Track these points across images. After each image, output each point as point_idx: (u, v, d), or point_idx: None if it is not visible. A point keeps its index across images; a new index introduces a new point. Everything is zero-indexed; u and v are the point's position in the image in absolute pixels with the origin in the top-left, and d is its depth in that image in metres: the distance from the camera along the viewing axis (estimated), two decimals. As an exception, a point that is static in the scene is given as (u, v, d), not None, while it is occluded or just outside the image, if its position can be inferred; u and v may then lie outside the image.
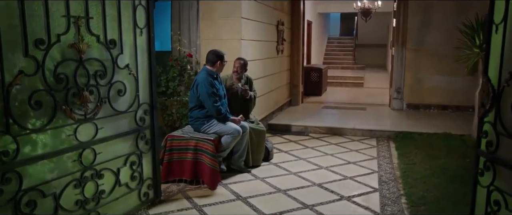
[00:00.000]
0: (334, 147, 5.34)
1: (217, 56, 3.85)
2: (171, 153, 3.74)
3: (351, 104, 8.41)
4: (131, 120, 3.00)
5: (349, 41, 17.95)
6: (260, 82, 5.84)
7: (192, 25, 5.14)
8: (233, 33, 4.88)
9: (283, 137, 5.91)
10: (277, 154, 4.93)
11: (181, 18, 5.21)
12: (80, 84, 2.50)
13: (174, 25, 5.31)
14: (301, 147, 5.31)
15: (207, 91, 3.71)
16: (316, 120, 6.64)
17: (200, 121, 3.83)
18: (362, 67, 15.61)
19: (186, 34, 5.20)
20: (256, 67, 5.56)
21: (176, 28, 5.27)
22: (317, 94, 9.78)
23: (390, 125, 6.35)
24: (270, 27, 6.33)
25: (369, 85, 12.03)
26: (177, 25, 5.27)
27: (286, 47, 7.56)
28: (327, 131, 6.14)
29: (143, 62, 3.07)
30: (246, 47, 5.08)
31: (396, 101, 7.82)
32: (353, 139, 5.78)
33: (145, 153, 3.15)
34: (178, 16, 5.24)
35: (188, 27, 5.18)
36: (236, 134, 3.77)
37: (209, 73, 3.83)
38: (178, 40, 5.20)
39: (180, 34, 5.16)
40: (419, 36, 7.56)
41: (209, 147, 3.64)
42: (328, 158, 4.80)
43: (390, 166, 4.44)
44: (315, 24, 13.75)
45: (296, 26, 8.05)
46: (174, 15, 5.27)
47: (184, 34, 5.20)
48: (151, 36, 3.09)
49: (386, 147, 5.33)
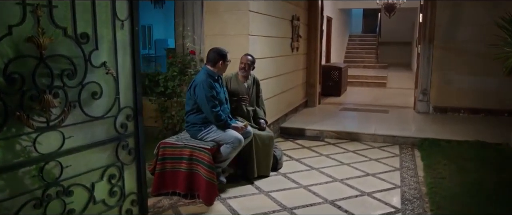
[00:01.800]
0: (352, 155, 4.81)
1: (219, 55, 3.41)
2: (164, 162, 3.32)
3: (372, 106, 7.82)
4: (110, 126, 2.58)
5: (372, 39, 17.20)
6: (271, 83, 5.37)
7: (196, 19, 4.72)
8: (240, 28, 4.43)
9: (295, 142, 5.42)
10: (287, 162, 4.46)
11: (185, 11, 4.80)
12: (40, 86, 2.09)
13: (178, 19, 4.92)
14: (314, 155, 4.81)
15: (206, 95, 3.27)
16: (333, 124, 6.11)
17: (197, 127, 3.40)
18: (385, 66, 14.88)
19: (190, 30, 4.79)
20: (266, 66, 5.09)
21: (180, 23, 4.87)
22: (335, 95, 9.23)
23: (415, 131, 5.76)
24: (284, 22, 5.84)
25: (392, 85, 11.36)
26: (181, 19, 4.86)
27: (302, 44, 7.05)
28: (344, 136, 5.61)
29: (125, 59, 2.65)
30: (255, 44, 4.62)
31: (421, 104, 7.19)
32: (373, 146, 5.23)
33: (127, 164, 2.73)
34: (182, 10, 4.83)
35: (192, 21, 4.77)
36: (236, 143, 3.32)
37: (209, 74, 3.39)
38: (182, 36, 4.81)
39: (183, 29, 4.75)
40: (448, 32, 6.90)
41: (206, 157, 3.20)
42: (344, 168, 4.28)
43: (415, 180, 3.89)
44: (336, 21, 13.14)
45: (313, 22, 7.53)
46: (178, 9, 4.87)
47: (188, 30, 4.78)
48: (135, 29, 2.66)
49: (410, 156, 4.76)
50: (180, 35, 4.90)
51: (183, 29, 4.77)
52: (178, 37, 4.95)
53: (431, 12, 6.93)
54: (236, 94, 3.88)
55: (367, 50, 16.47)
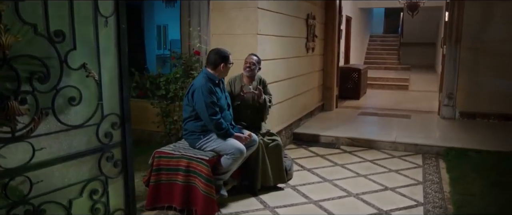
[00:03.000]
0: (369, 165, 4.41)
1: (220, 57, 3.09)
2: (159, 173, 3.03)
3: (393, 111, 7.35)
4: (91, 135, 2.31)
5: (394, 39, 16.57)
6: (283, 86, 5.02)
7: (203, 17, 4.42)
8: (248, 26, 4.10)
9: (309, 150, 5.05)
10: (298, 172, 4.11)
11: (191, 9, 4.52)
12: (3, 91, 1.83)
13: (183, 19, 4.64)
14: (328, 164, 4.43)
15: (205, 101, 2.96)
16: (349, 129, 5.71)
17: (195, 135, 3.09)
18: (407, 68, 14.27)
19: (197, 29, 4.49)
20: (277, 68, 4.75)
21: (186, 23, 4.59)
22: (354, 98, 8.78)
23: (440, 138, 5.29)
24: (298, 21, 5.48)
25: (415, 88, 10.80)
26: (187, 19, 4.58)
27: (318, 44, 6.67)
28: (361, 143, 5.21)
29: (110, 61, 2.37)
30: (264, 44, 4.28)
31: (446, 109, 6.68)
32: (393, 155, 4.81)
33: (113, 177, 2.45)
34: (188, 9, 4.55)
35: (198, 20, 4.48)
36: (237, 154, 2.99)
37: (209, 78, 3.08)
38: (188, 36, 4.54)
39: (190, 28, 4.46)
40: (477, 31, 6.39)
41: (204, 169, 2.89)
42: (360, 180, 3.90)
43: (440, 196, 3.48)
44: (355, 20, 12.65)
45: (330, 21, 7.13)
46: (184, 8, 4.59)
47: (194, 28, 4.50)
48: (121, 27, 2.38)
49: (434, 167, 4.32)
50: (186, 35, 4.62)
51: (190, 28, 4.49)
52: (184, 37, 4.67)
53: (458, 10, 6.43)
54: (241, 98, 3.56)
55: (389, 51, 15.87)
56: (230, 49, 4.15)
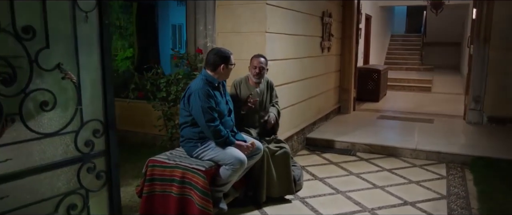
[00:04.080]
0: (387, 175, 4.05)
1: (220, 57, 2.81)
2: (153, 183, 2.78)
3: (414, 114, 6.92)
4: (69, 144, 2.07)
5: (416, 39, 15.94)
6: (295, 87, 4.71)
7: (209, 14, 4.15)
8: (256, 24, 3.81)
9: (322, 156, 4.72)
10: (309, 182, 3.79)
11: (196, 7, 4.25)
12: (-43, 95, 1.60)
13: (189, 17, 4.38)
14: (342, 173, 4.10)
15: (202, 106, 2.68)
16: (367, 134, 5.34)
17: (192, 143, 2.82)
18: (430, 68, 13.69)
19: (201, 27, 4.23)
20: (288, 68, 4.44)
21: (191, 21, 4.34)
22: (373, 100, 8.37)
23: (466, 146, 4.86)
24: (312, 18, 5.15)
25: (438, 90, 10.26)
26: (193, 16, 4.32)
27: (334, 44, 6.32)
28: (379, 150, 4.84)
29: (91, 61, 2.12)
30: (273, 43, 3.99)
31: (473, 113, 6.21)
32: (414, 164, 4.43)
33: (94, 190, 2.20)
34: (194, 5, 4.28)
35: (205, 18, 4.21)
36: (237, 165, 2.70)
37: (207, 80, 2.80)
38: (194, 35, 4.28)
39: (195, 27, 4.21)
40: (508, 30, 5.90)
41: (200, 180, 2.62)
42: (376, 193, 3.55)
43: (467, 213, 3.10)
44: (376, 19, 12.18)
45: (348, 19, 6.76)
46: (190, 4, 4.33)
47: (199, 27, 4.24)
48: (104, 23, 2.13)
49: (459, 179, 3.93)
50: (192, 34, 4.36)
51: (195, 27, 4.23)
52: (190, 36, 4.42)
53: (488, 8, 5.95)
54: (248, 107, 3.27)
55: (411, 51, 15.28)
56: (237, 49, 3.89)
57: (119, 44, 6.36)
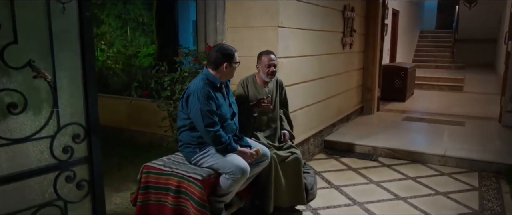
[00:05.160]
0: (411, 184, 3.68)
1: (223, 54, 2.53)
2: (147, 192, 2.55)
3: (444, 116, 6.44)
4: (43, 151, 1.85)
5: (447, 35, 15.14)
6: (312, 87, 4.39)
7: (219, 9, 3.90)
8: (267, 18, 3.52)
9: (341, 161, 4.39)
10: (324, 190, 3.49)
11: (206, 3, 4.00)
12: None
13: (200, 12, 4.15)
14: (361, 181, 3.76)
15: (201, 109, 2.42)
16: (390, 138, 4.96)
17: (190, 148, 2.57)
18: (462, 66, 12.94)
19: (211, 22, 3.99)
20: (303, 66, 4.12)
21: (201, 15, 4.10)
22: (399, 100, 7.91)
23: (501, 153, 4.40)
24: (332, 13, 4.81)
25: (471, 89, 9.63)
26: (203, 11, 4.08)
27: (357, 40, 5.93)
28: (404, 155, 4.45)
29: (70, 58, 1.90)
30: (287, 39, 3.68)
31: (510, 116, 5.69)
32: (442, 172, 4.03)
33: (75, 202, 1.98)
34: (204, 2, 4.04)
35: (215, 12, 3.96)
36: (237, 174, 2.42)
37: (209, 80, 2.53)
38: (204, 29, 4.05)
39: (205, 22, 3.97)
40: (552, 25, 5.35)
41: (196, 190, 2.36)
42: (398, 205, 3.20)
43: (504, 233, 2.71)
44: (404, 14, 11.58)
45: (373, 14, 6.35)
46: (200, 2, 4.09)
47: (209, 21, 4.00)
48: (85, 16, 1.90)
49: (494, 191, 3.51)
50: (202, 29, 4.13)
51: (205, 22, 3.99)
52: (200, 31, 4.18)
53: (528, 0, 5.42)
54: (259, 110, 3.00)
55: (441, 48, 14.53)
56: (247, 45, 3.62)
57: (142, 41, 6.20)
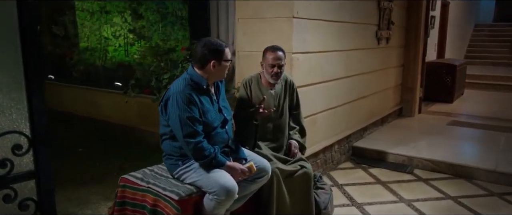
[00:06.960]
0: (451, 205, 3.08)
1: (209, 50, 2.10)
2: (124, 208, 2.22)
3: (498, 121, 5.61)
4: (-28, 165, 1.55)
5: (506, 29, 13.71)
6: (337, 87, 3.87)
7: (230, 2, 3.49)
8: (281, 8, 3.06)
9: (369, 172, 3.84)
10: (342, 209, 2.99)
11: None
12: None
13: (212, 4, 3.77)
14: (390, 198, 3.21)
15: (179, 115, 2.02)
16: (431, 146, 4.31)
17: (173, 160, 2.19)
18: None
19: (223, 15, 3.59)
20: (325, 63, 3.61)
21: (214, 8, 3.72)
22: (446, 101, 7.10)
23: None
24: (364, 2, 4.23)
25: (532, 90, 8.53)
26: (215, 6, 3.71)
27: (396, 34, 5.28)
28: (445, 168, 3.81)
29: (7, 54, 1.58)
30: (304, 31, 3.19)
31: None
32: (491, 192, 3.37)
33: (17, 225, 1.67)
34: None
35: (226, 4, 3.56)
36: (221, 195, 1.99)
37: (192, 80, 2.12)
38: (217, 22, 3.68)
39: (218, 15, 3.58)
40: None
41: (172, 212, 1.98)
42: (430, 234, 2.64)
43: None
44: (455, 6, 10.51)
45: (415, 4, 5.66)
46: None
47: (221, 14, 3.60)
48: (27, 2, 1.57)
49: (559, 221, 2.83)
50: (215, 22, 3.75)
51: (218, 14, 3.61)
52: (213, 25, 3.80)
53: None
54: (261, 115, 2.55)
55: (498, 43, 13.15)
56: (259, 38, 3.18)
57: (180, 35, 5.94)
